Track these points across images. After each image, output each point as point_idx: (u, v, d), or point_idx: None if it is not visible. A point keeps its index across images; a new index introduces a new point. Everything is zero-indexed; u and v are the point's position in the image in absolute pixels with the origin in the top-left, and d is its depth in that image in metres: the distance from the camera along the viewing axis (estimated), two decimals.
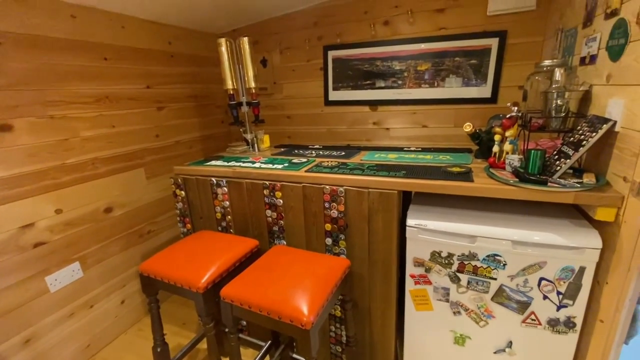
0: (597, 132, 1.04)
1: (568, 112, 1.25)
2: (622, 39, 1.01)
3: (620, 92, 1.02)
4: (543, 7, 1.77)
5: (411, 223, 1.25)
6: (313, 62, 2.44)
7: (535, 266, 1.10)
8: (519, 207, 1.26)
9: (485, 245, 1.15)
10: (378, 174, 1.32)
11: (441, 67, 2.08)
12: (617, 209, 0.98)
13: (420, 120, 2.24)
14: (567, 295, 1.09)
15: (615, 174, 1.02)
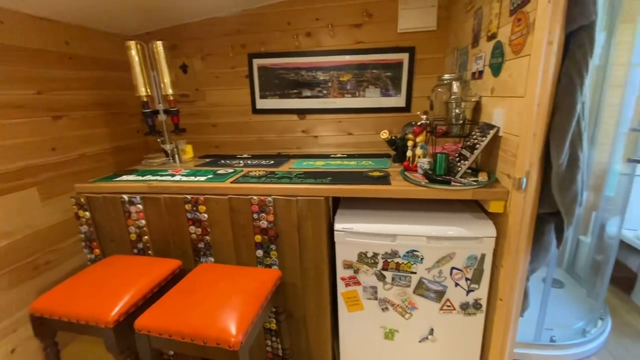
0: (486, 137, 1.21)
1: (465, 119, 1.43)
2: (500, 58, 1.20)
3: (501, 102, 1.20)
4: (442, 28, 2.02)
5: (339, 227, 1.29)
6: (238, 70, 2.37)
7: (447, 257, 1.22)
8: (431, 205, 1.39)
9: (405, 243, 1.23)
10: (305, 182, 1.33)
11: (361, 78, 2.21)
12: (505, 201, 1.15)
13: (346, 128, 2.34)
14: (474, 280, 1.24)
15: (502, 172, 1.20)
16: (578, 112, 1.02)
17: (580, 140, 1.05)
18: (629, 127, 1.52)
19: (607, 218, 1.84)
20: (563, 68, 1.04)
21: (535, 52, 0.98)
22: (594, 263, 1.96)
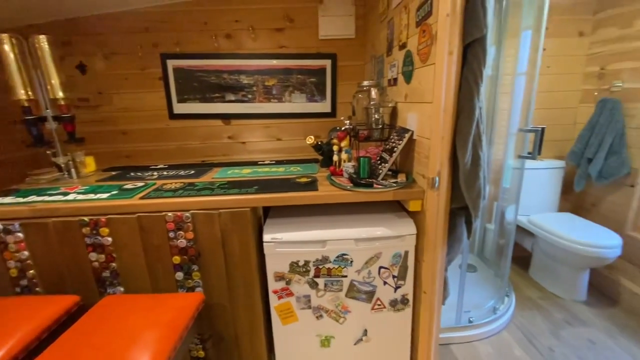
0: (402, 140, 1.28)
1: (384, 124, 1.50)
2: (410, 66, 1.29)
3: (414, 108, 1.28)
4: (360, 37, 2.11)
5: (267, 238, 1.23)
6: (150, 71, 2.14)
7: (374, 257, 1.25)
8: (358, 208, 1.42)
9: (335, 247, 1.23)
10: (229, 192, 1.24)
11: (287, 83, 2.18)
12: (422, 200, 1.22)
13: (274, 133, 2.29)
14: (400, 277, 1.30)
15: (418, 173, 1.28)
16: (477, 116, 1.13)
17: (480, 141, 1.17)
18: (517, 128, 1.78)
19: (506, 207, 2.12)
20: (463, 76, 1.15)
21: (439, 62, 1.07)
22: (498, 247, 2.25)
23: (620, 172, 1.93)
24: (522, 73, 1.79)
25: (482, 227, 2.42)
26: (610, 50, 2.00)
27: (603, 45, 2.05)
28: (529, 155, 1.64)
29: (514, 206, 1.97)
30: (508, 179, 2.07)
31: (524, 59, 1.77)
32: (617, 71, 1.97)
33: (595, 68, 2.11)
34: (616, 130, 1.92)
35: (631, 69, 1.89)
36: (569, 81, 2.20)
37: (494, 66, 2.06)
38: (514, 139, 1.92)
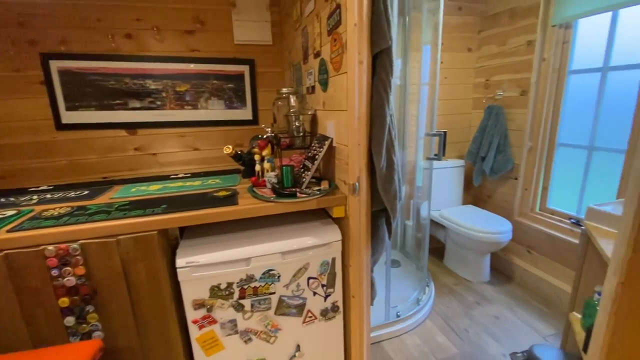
0: (323, 148, 1.27)
1: (305, 131, 1.49)
2: (325, 74, 1.29)
3: (332, 115, 1.29)
4: (278, 44, 2.07)
5: (181, 263, 1.09)
6: (27, 74, 1.77)
7: (302, 269, 1.21)
8: (283, 218, 1.37)
9: (260, 264, 1.16)
10: (130, 215, 1.07)
11: (202, 89, 2.03)
12: (344, 206, 1.23)
13: (191, 143, 2.10)
14: (329, 285, 1.28)
15: (340, 179, 1.29)
16: (388, 123, 1.18)
17: (393, 147, 1.23)
18: (424, 133, 1.96)
19: (420, 204, 2.31)
20: (373, 85, 1.19)
21: (350, 70, 1.08)
22: (417, 241, 2.43)
23: (506, 168, 2.26)
24: (425, 83, 1.97)
25: (402, 223, 2.59)
26: (492, 64, 2.35)
27: (487, 60, 2.39)
28: (435, 157, 1.80)
29: (427, 202, 2.15)
30: (420, 178, 2.26)
31: (426, 71, 1.95)
32: (498, 82, 2.32)
33: (482, 79, 2.45)
34: (501, 132, 2.25)
35: (508, 80, 2.24)
36: (463, 90, 2.52)
37: (402, 76, 2.24)
38: (422, 143, 2.10)
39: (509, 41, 2.20)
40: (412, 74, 2.25)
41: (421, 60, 2.18)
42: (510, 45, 2.19)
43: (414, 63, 2.24)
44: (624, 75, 1.71)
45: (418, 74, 2.23)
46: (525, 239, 2.22)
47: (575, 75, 1.95)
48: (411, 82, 2.21)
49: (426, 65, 1.96)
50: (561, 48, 1.97)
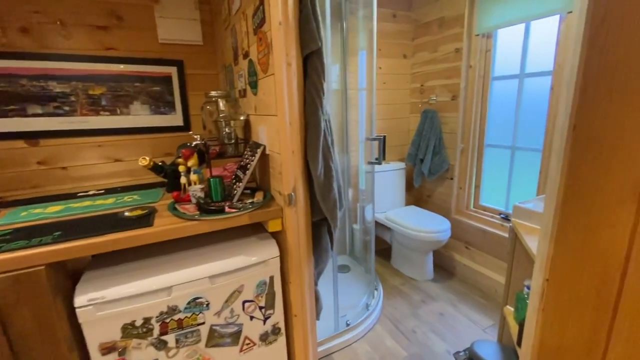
0: (255, 156, 1.15)
1: (237, 138, 1.35)
2: (255, 76, 1.18)
3: (263, 121, 1.18)
4: (209, 44, 1.91)
5: (81, 301, 0.89)
6: None
7: (236, 293, 1.08)
8: (215, 236, 1.22)
9: (184, 292, 1.00)
10: (9, 247, 0.84)
11: (121, 93, 1.78)
12: (281, 218, 1.12)
13: (111, 153, 1.83)
14: (268, 306, 1.16)
15: (275, 190, 1.18)
16: (323, 128, 1.11)
17: (330, 153, 1.16)
18: (364, 137, 1.94)
19: (365, 207, 2.30)
20: (306, 89, 1.11)
21: (277, 72, 0.99)
22: (364, 244, 2.41)
23: (442, 168, 2.35)
24: (363, 88, 1.95)
25: (350, 227, 2.56)
26: (426, 70, 2.43)
27: (421, 66, 2.47)
28: (376, 161, 1.79)
29: (371, 205, 2.14)
30: (363, 181, 2.24)
31: (363, 76, 1.94)
32: (432, 87, 2.41)
33: (417, 85, 2.53)
34: (436, 135, 2.33)
35: (440, 85, 2.33)
36: (401, 95, 2.58)
37: (341, 81, 2.21)
38: (363, 147, 2.08)
39: (439, 48, 2.29)
40: (351, 79, 2.23)
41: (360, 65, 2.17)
42: (440, 52, 2.28)
43: (353, 68, 2.23)
44: (537, 81, 1.86)
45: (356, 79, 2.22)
46: (463, 236, 2.32)
47: (497, 81, 2.08)
48: (350, 87, 2.19)
49: (363, 71, 1.95)
50: (484, 56, 2.09)
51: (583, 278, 0.77)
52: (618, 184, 0.68)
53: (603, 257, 0.71)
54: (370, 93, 1.85)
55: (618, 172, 0.67)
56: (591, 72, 0.70)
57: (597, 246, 0.73)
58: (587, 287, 0.77)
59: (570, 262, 0.80)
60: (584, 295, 0.77)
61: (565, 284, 0.83)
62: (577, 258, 0.78)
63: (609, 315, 0.74)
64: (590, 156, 0.72)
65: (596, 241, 0.73)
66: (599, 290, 0.73)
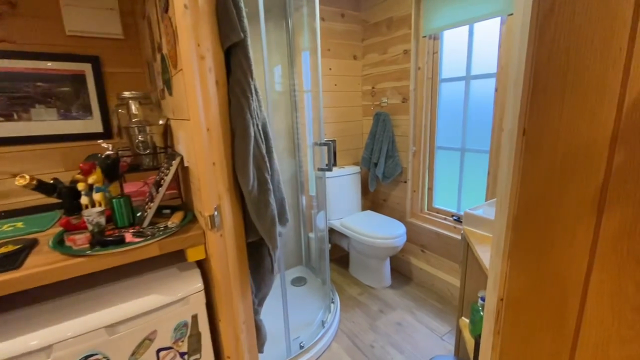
0: (170, 169, 0.94)
1: (155, 147, 1.13)
2: (167, 73, 0.97)
3: (181, 126, 0.97)
4: (132, 38, 1.64)
5: None
6: None
7: (146, 341, 0.86)
8: (121, 269, 0.98)
9: (71, 350, 0.76)
10: None
11: (18, 94, 1.45)
12: (204, 245, 0.93)
13: (9, 167, 1.49)
14: (192, 351, 0.95)
15: (197, 210, 0.98)
16: (253, 134, 0.93)
17: (265, 163, 0.98)
18: (312, 142, 1.80)
19: (317, 214, 2.15)
20: (229, 88, 0.93)
21: (187, 67, 0.79)
22: (321, 253, 2.27)
23: (396, 172, 2.28)
24: (308, 90, 1.81)
25: (305, 236, 2.40)
26: (376, 72, 2.35)
27: (371, 68, 2.39)
28: (326, 168, 1.64)
29: (323, 213, 2.00)
30: (313, 188, 2.10)
31: (308, 77, 1.79)
32: (383, 89, 2.33)
33: (368, 87, 2.45)
34: (389, 138, 2.25)
35: (391, 87, 2.26)
36: (353, 97, 2.48)
37: (286, 82, 2.04)
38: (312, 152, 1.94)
39: (389, 50, 2.22)
40: (299, 80, 2.08)
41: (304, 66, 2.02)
42: (390, 54, 2.21)
43: (298, 69, 2.08)
44: (482, 83, 1.85)
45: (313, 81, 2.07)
46: (418, 239, 2.27)
47: (445, 83, 2.05)
48: (299, 89, 2.04)
49: (308, 71, 1.80)
50: (432, 58, 2.05)
51: (542, 300, 0.68)
52: (575, 196, 0.59)
53: (561, 279, 0.62)
54: (317, 95, 1.70)
55: (575, 183, 0.58)
56: (541, 68, 0.61)
57: (555, 266, 0.64)
58: (547, 310, 0.68)
59: (527, 281, 0.71)
60: (544, 318, 0.68)
61: (523, 305, 0.74)
62: (534, 278, 0.68)
63: (569, 343, 0.65)
64: (544, 165, 0.63)
65: (553, 261, 0.64)
66: (559, 314, 0.64)
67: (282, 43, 2.04)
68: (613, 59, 0.49)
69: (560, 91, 0.56)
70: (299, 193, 2.25)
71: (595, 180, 0.53)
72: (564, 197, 0.58)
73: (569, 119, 0.55)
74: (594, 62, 0.51)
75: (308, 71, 1.79)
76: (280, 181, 1.12)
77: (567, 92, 0.55)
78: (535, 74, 0.59)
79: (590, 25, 0.52)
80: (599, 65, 0.50)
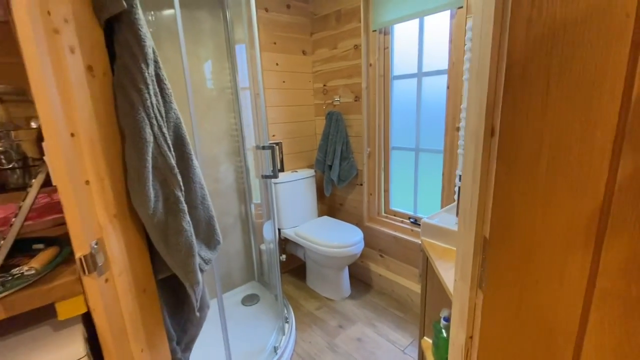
0: (30, 190, 0.67)
1: (25, 158, 0.83)
2: None
3: None
4: None
5: None
6: None
7: None
8: None
9: None
10: None
11: None
12: (82, 295, 0.66)
13: None
14: None
15: None
16: (152, 138, 0.69)
17: (174, 176, 0.74)
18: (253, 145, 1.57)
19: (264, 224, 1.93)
20: (115, 78, 0.67)
21: (28, 45, 0.53)
22: (271, 267, 2.04)
23: (351, 174, 2.13)
24: (245, 87, 1.58)
25: (257, 249, 2.16)
26: (327, 69, 2.18)
27: (322, 64, 2.21)
28: (270, 174, 1.43)
29: (272, 222, 1.78)
30: (257, 195, 1.88)
31: (246, 73, 1.56)
32: (335, 87, 2.16)
33: (320, 84, 2.27)
34: (343, 139, 2.09)
35: (343, 85, 2.10)
36: (304, 96, 2.28)
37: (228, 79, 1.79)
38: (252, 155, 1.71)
39: (339, 45, 2.06)
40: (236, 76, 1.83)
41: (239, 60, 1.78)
42: (340, 49, 2.05)
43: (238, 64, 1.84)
44: (434, 80, 1.75)
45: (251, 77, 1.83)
46: (376, 244, 2.14)
47: (397, 80, 1.93)
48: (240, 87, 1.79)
49: (244, 67, 1.57)
50: (383, 54, 1.92)
51: (524, 349, 0.53)
52: (565, 218, 0.44)
53: (548, 325, 0.48)
54: (257, 93, 1.47)
55: (565, 201, 0.43)
56: (517, 46, 0.45)
57: (540, 308, 0.50)
58: (528, 357, 0.53)
59: (504, 322, 0.56)
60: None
61: (499, 350, 0.59)
62: (513, 319, 0.53)
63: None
64: (523, 175, 0.48)
65: (538, 300, 0.50)
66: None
67: (219, 34, 1.77)
68: (617, 30, 0.35)
69: (544, 76, 0.41)
70: (247, 201, 2.00)
71: (593, 197, 0.39)
72: (550, 218, 0.43)
73: (556, 116, 0.41)
74: (590, 35, 0.36)
75: (245, 66, 1.56)
76: (206, 196, 0.88)
77: (552, 78, 0.40)
78: (509, 54, 0.44)
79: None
80: (597, 38, 0.36)
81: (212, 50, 1.72)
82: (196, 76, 1.62)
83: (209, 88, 1.67)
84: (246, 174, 1.96)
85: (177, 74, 1.12)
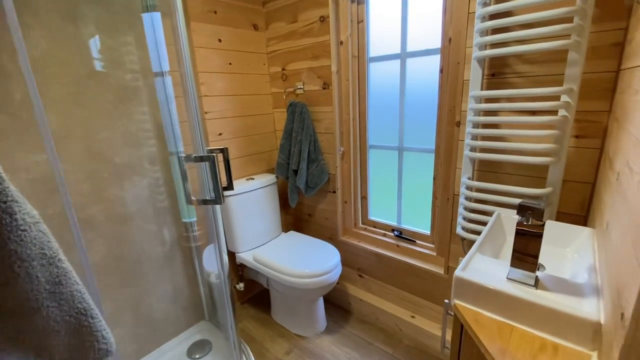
0: None
1: None
2: None
3: None
4: None
5: None
6: None
7: None
8: None
9: None
10: None
11: None
12: None
13: None
14: None
15: None
16: None
17: None
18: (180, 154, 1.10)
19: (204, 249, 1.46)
20: None
21: None
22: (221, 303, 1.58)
23: (322, 180, 1.72)
24: (161, 73, 1.08)
25: (205, 281, 1.68)
26: (286, 48, 1.72)
27: (279, 42, 1.74)
28: (211, 199, 0.96)
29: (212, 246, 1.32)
30: (186, 213, 1.41)
31: (164, 54, 1.06)
32: (296, 71, 1.71)
33: (277, 68, 1.80)
34: (310, 137, 1.66)
35: (307, 68, 1.66)
36: (258, 82, 1.80)
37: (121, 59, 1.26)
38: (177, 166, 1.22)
39: (300, 17, 1.60)
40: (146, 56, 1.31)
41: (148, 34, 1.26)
42: (302, 22, 1.60)
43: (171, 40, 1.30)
44: (422, 62, 1.39)
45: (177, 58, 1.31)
46: (354, 261, 1.78)
47: (375, 63, 1.54)
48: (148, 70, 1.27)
49: (162, 44, 1.07)
50: (357, 29, 1.51)
51: None
52: None
53: None
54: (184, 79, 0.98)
55: None
56: None
57: None
58: None
59: None
60: None
61: None
62: None
63: None
64: None
65: None
66: None
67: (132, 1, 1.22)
68: None
69: None
70: (178, 224, 1.51)
71: None
72: None
73: None
74: None
75: (161, 43, 1.06)
76: (65, 276, 0.42)
77: None
78: None
79: None
80: None
81: (98, 16, 1.16)
82: (65, 51, 1.07)
83: (98, 71, 1.12)
84: (176, 187, 1.46)
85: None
